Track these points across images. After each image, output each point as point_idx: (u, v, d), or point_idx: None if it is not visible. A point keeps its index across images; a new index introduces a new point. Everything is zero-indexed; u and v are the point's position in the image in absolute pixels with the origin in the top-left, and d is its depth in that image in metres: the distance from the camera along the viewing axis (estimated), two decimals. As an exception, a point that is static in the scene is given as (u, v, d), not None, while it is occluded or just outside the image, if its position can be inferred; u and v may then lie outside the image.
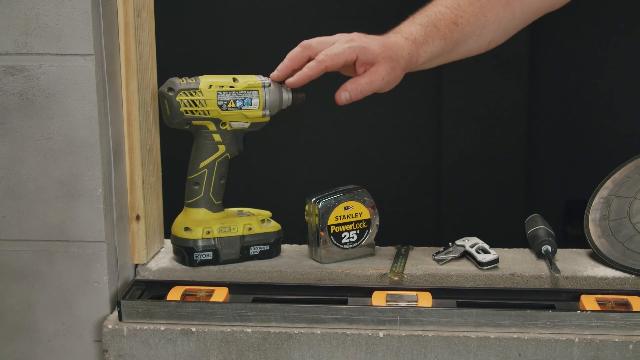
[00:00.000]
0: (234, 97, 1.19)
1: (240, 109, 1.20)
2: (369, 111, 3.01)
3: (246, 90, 1.20)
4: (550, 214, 1.30)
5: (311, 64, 1.19)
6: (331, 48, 1.20)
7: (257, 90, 1.21)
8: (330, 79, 1.22)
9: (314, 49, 1.21)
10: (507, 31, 1.37)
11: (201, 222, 1.22)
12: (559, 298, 1.12)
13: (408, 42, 1.25)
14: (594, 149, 3.12)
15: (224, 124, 1.20)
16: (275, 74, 1.22)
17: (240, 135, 1.23)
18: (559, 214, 3.20)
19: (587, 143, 3.14)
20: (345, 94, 1.21)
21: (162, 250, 1.29)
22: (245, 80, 1.20)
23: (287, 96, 1.24)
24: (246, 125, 1.22)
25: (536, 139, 3.15)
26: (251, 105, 1.21)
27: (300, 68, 1.21)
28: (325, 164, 2.88)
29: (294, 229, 1.34)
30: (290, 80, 1.20)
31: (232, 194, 1.31)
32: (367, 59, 1.21)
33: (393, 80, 1.24)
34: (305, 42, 1.22)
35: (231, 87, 1.19)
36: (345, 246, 1.24)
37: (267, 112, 1.22)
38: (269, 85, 1.21)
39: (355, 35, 1.22)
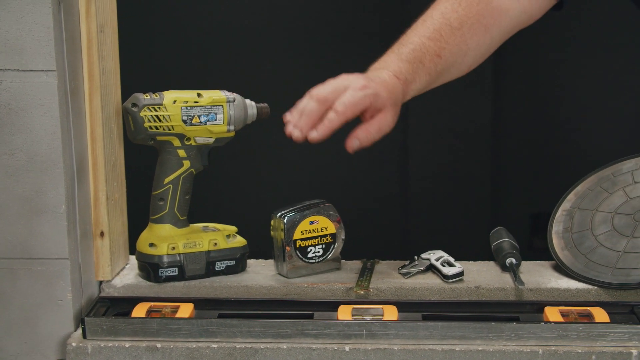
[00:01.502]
0: (199, 113, 1.19)
1: (205, 124, 1.20)
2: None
3: (211, 106, 1.20)
4: (516, 227, 1.31)
5: (332, 116, 1.15)
6: (346, 97, 1.16)
7: (222, 106, 1.21)
8: (296, 94, 1.22)
9: (330, 101, 1.17)
10: (485, 55, 1.40)
11: (166, 238, 1.21)
12: (523, 310, 1.12)
13: (400, 82, 1.25)
14: (559, 163, 3.15)
15: (188, 139, 1.20)
16: (297, 134, 1.15)
17: (205, 150, 1.23)
18: (525, 227, 3.23)
19: (552, 157, 3.18)
20: (356, 142, 1.18)
21: (127, 266, 1.28)
22: (210, 96, 1.20)
23: (252, 111, 1.24)
24: (211, 140, 1.22)
25: (501, 153, 3.18)
26: (216, 120, 1.20)
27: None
28: (291, 179, 2.88)
29: (260, 244, 1.34)
30: (314, 137, 1.15)
31: (197, 210, 1.30)
32: (377, 106, 1.19)
33: (395, 122, 1.24)
34: (319, 95, 1.17)
35: (195, 102, 1.19)
36: (311, 261, 1.24)
37: (232, 127, 1.22)
38: (234, 101, 1.21)
39: (363, 80, 1.19)
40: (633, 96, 3.06)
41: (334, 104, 1.15)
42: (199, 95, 1.20)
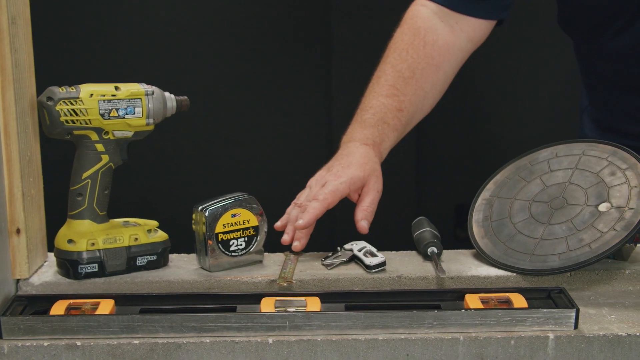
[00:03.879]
0: (116, 106, 1.17)
1: (123, 117, 1.18)
2: (260, 120, 3.01)
3: (129, 99, 1.18)
4: (440, 218, 1.33)
5: (315, 204, 1.27)
6: (327, 187, 1.29)
7: (140, 99, 1.19)
8: (216, 86, 1.22)
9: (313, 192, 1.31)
10: (443, 91, 1.52)
11: (85, 234, 1.19)
12: (444, 298, 1.13)
13: (370, 148, 1.36)
14: (481, 155, 3.21)
15: (106, 133, 1.18)
16: (295, 244, 1.29)
17: (124, 144, 1.21)
18: (450, 218, 3.28)
19: (475, 149, 3.23)
20: (364, 223, 1.30)
21: (45, 264, 1.25)
22: (128, 89, 1.19)
23: (171, 104, 1.23)
24: (130, 134, 1.20)
25: (425, 146, 3.21)
26: (134, 113, 1.19)
27: None
28: (214, 173, 2.86)
29: (182, 239, 1.33)
30: (299, 224, 1.26)
31: (117, 205, 1.28)
32: (357, 186, 1.32)
33: (381, 183, 1.35)
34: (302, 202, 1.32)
35: (113, 95, 1.17)
36: (233, 254, 1.23)
37: (151, 121, 1.20)
38: (152, 93, 1.20)
39: (336, 170, 1.32)
40: (548, 89, 3.14)
41: (316, 194, 1.29)
42: (116, 88, 1.18)
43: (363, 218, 1.30)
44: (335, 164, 1.34)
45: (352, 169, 1.32)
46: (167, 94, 1.23)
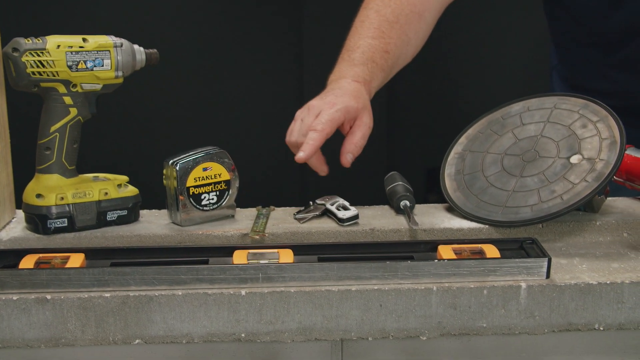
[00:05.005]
0: (84, 58, 1.15)
1: (92, 70, 1.16)
2: (232, 74, 2.98)
3: (97, 51, 1.16)
4: (412, 182, 1.33)
5: (313, 135, 1.24)
6: (323, 116, 1.26)
7: (109, 51, 1.17)
8: (186, 39, 1.20)
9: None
10: (424, 40, 1.52)
11: (54, 188, 1.18)
12: (417, 249, 1.13)
13: (361, 85, 1.34)
14: (452, 118, 3.21)
15: (74, 85, 1.16)
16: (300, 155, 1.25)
17: (93, 97, 1.19)
18: (420, 182, 3.28)
19: (445, 113, 3.23)
20: (349, 156, 1.29)
21: (14, 220, 1.23)
22: (96, 40, 1.16)
23: (140, 57, 1.21)
24: (98, 87, 1.18)
25: (395, 110, 3.21)
26: (103, 66, 1.17)
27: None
28: (185, 129, 2.83)
29: (153, 195, 1.32)
30: (300, 157, 1.23)
31: (86, 160, 1.26)
32: (351, 116, 1.29)
33: (372, 120, 1.32)
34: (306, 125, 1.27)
35: (81, 47, 1.15)
36: (205, 208, 1.22)
37: (120, 73, 1.19)
38: (121, 46, 1.18)
39: (330, 99, 1.29)
40: (518, 49, 3.14)
41: (312, 124, 1.25)
42: (84, 40, 1.16)
43: (350, 151, 1.28)
44: (328, 94, 1.31)
45: (345, 98, 1.29)
46: (136, 46, 1.21)
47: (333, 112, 1.26)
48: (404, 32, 1.43)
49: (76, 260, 1.08)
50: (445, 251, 1.10)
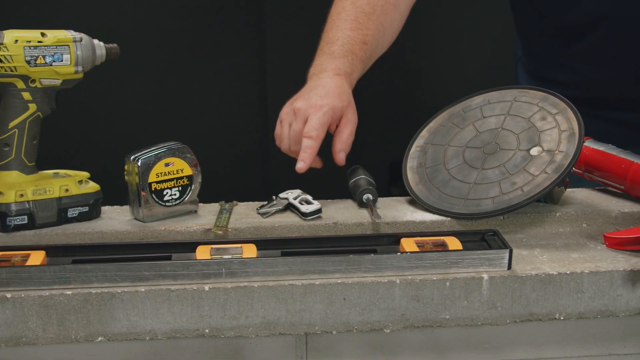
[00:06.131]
0: (43, 53, 1.14)
1: (51, 65, 1.15)
2: (193, 69, 2.97)
3: (56, 46, 1.15)
4: (375, 176, 1.33)
5: (309, 143, 1.27)
6: (313, 122, 1.28)
7: (68, 46, 1.16)
8: (146, 33, 1.19)
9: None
10: (399, 30, 1.54)
11: (13, 185, 1.16)
12: (380, 243, 1.14)
13: (342, 78, 1.35)
14: (416, 111, 3.22)
15: (33, 81, 1.15)
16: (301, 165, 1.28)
17: (52, 93, 1.18)
18: (385, 176, 3.29)
19: (410, 105, 3.25)
20: (342, 154, 1.32)
21: (-28, 218, 1.22)
22: (55, 35, 1.15)
23: (100, 52, 1.20)
24: (58, 82, 1.17)
25: (359, 103, 3.22)
26: (62, 61, 1.15)
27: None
28: (147, 125, 2.81)
29: (115, 192, 1.31)
30: (301, 167, 1.27)
31: (46, 156, 1.25)
32: (338, 116, 1.31)
33: (356, 114, 1.35)
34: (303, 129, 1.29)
35: (39, 42, 1.14)
36: (167, 204, 1.21)
37: (80, 68, 1.17)
38: (81, 40, 1.17)
39: (314, 101, 1.30)
40: (484, 41, 3.16)
41: (306, 131, 1.28)
42: (43, 34, 1.15)
43: (342, 150, 1.31)
44: (312, 94, 1.32)
45: (330, 99, 1.30)
46: (96, 41, 1.20)
47: (321, 115, 1.28)
48: (380, 22, 1.45)
49: (37, 257, 1.07)
50: (408, 244, 1.11)
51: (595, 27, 1.52)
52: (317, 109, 1.29)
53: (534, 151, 1.24)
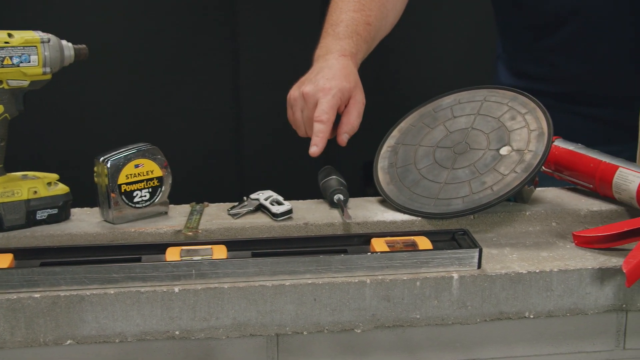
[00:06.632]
0: (10, 54, 1.13)
1: (18, 66, 1.14)
2: (163, 69, 2.95)
3: (23, 46, 1.14)
4: (350, 176, 1.34)
5: (321, 127, 1.28)
6: (323, 106, 1.28)
7: (36, 46, 1.15)
8: (117, 33, 1.19)
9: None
10: (400, 12, 1.55)
11: (-20, 188, 1.15)
12: (351, 243, 1.14)
13: (348, 58, 1.35)
14: (390, 111, 3.23)
15: (0, 82, 1.13)
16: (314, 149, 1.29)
17: (20, 94, 1.17)
18: (358, 176, 3.30)
19: (383, 105, 3.25)
20: (345, 136, 1.32)
21: (-61, 221, 1.20)
22: (22, 36, 1.14)
23: (69, 52, 1.19)
24: (25, 83, 1.16)
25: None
26: (29, 62, 1.14)
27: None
28: (117, 126, 2.79)
29: (84, 194, 1.30)
30: (314, 151, 1.29)
31: (15, 158, 1.24)
32: (346, 97, 1.31)
33: (364, 95, 1.35)
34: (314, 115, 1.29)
35: (6, 42, 1.13)
36: (137, 205, 1.21)
37: (48, 70, 1.16)
38: (49, 41, 1.16)
39: (322, 84, 1.30)
40: (459, 41, 3.17)
41: (317, 116, 1.28)
42: (9, 35, 1.14)
43: (346, 132, 1.32)
44: (319, 77, 1.32)
45: (337, 81, 1.31)
46: (64, 42, 1.19)
47: (330, 98, 1.29)
48: (383, 4, 1.46)
49: (4, 260, 1.06)
50: (379, 244, 1.11)
51: (567, 21, 1.54)
52: (326, 92, 1.30)
53: (504, 151, 1.24)
